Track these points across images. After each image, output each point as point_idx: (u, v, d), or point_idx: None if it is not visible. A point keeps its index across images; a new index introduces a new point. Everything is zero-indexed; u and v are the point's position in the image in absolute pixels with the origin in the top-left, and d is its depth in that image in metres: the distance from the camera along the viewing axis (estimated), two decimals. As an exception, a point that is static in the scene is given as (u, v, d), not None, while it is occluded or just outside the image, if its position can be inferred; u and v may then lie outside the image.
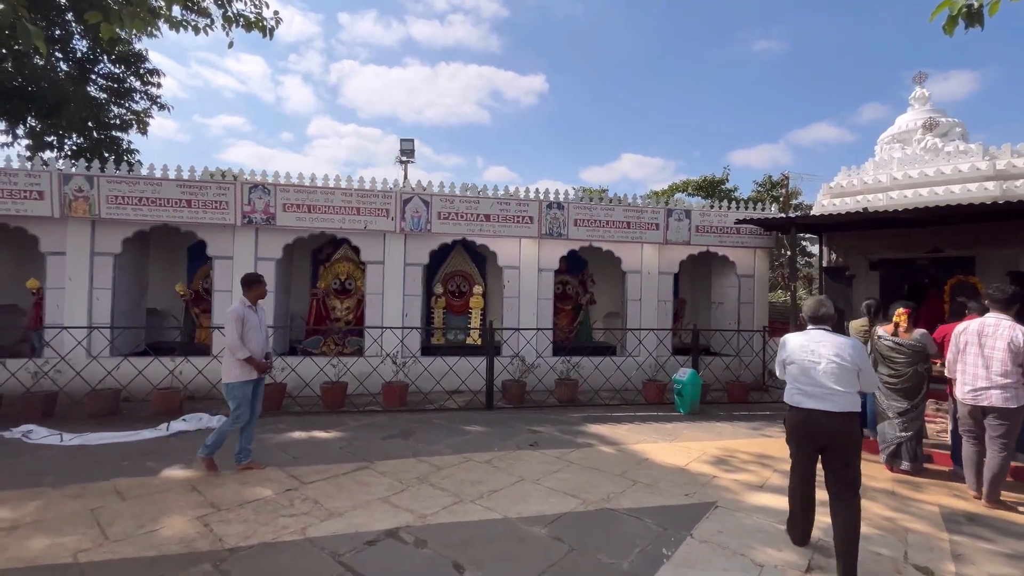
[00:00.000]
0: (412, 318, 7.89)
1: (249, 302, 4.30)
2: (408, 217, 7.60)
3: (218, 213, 7.09)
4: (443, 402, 6.85)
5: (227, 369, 4.16)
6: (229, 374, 4.14)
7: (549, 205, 8.04)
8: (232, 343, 4.11)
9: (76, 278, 6.97)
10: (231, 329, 4.12)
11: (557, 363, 7.65)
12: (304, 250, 8.95)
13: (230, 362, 4.16)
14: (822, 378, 2.91)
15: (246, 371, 4.16)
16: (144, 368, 6.18)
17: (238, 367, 4.14)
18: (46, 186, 6.68)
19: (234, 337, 4.11)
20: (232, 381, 4.14)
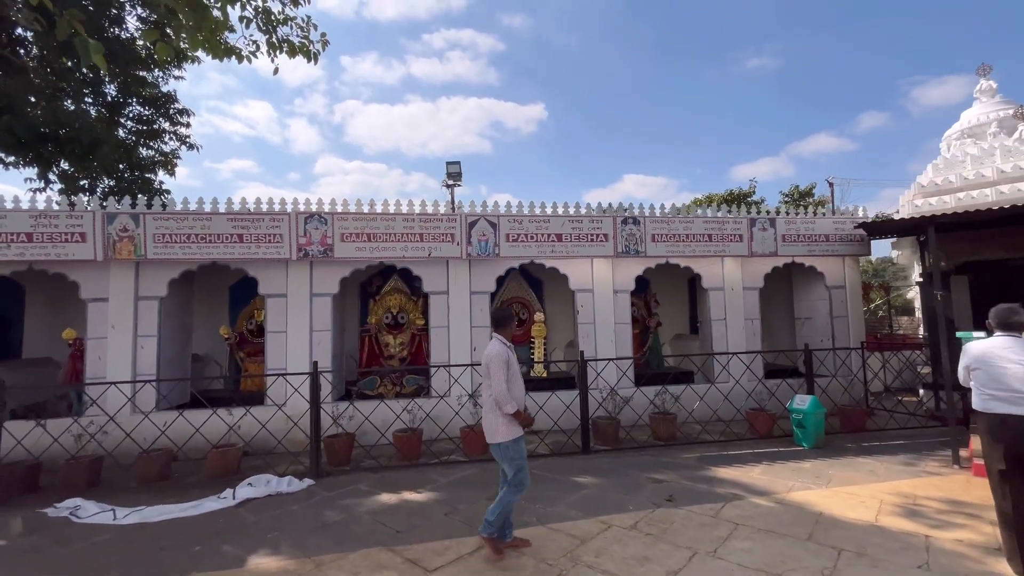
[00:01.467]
0: (481, 352, 7.13)
1: (507, 341, 3.52)
2: (475, 241, 6.95)
3: (272, 247, 6.49)
4: (528, 446, 6.02)
5: (494, 426, 3.36)
6: (500, 431, 3.35)
7: (624, 220, 7.37)
8: (501, 394, 3.29)
9: (119, 325, 6.35)
10: (499, 376, 3.30)
11: (637, 394, 6.83)
12: (351, 284, 8.32)
13: (496, 418, 3.36)
14: (1013, 382, 2.94)
15: (516, 426, 3.37)
16: (202, 424, 5.45)
17: (507, 423, 3.35)
18: (88, 227, 6.13)
19: (503, 386, 3.29)
20: (507, 440, 3.34)
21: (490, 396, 3.36)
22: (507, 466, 3.37)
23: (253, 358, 8.18)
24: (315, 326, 6.76)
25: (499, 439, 3.34)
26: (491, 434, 3.38)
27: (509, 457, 3.35)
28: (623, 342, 7.50)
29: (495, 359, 3.33)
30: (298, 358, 6.67)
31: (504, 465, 3.39)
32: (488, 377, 3.37)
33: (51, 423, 5.48)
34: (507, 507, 3.35)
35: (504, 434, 3.34)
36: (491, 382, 3.33)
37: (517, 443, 3.36)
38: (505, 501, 3.34)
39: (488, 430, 3.40)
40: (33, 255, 6.05)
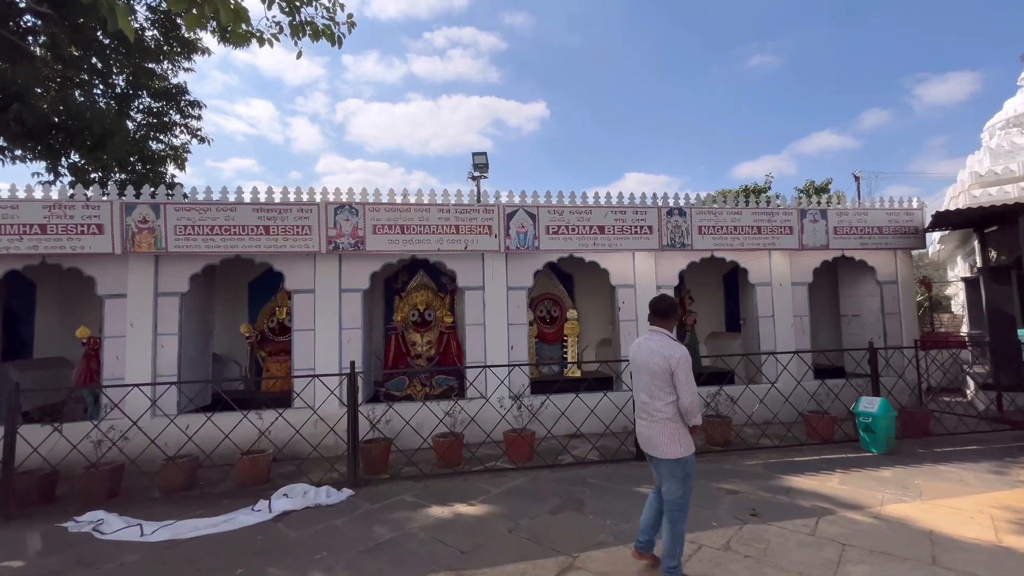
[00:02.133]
0: (519, 351, 6.74)
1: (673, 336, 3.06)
2: (513, 233, 6.55)
3: (300, 240, 6.09)
4: (574, 451, 5.63)
5: (670, 438, 2.88)
6: (678, 444, 2.88)
7: (670, 211, 6.95)
8: (693, 402, 2.83)
9: (138, 323, 5.96)
10: (688, 380, 2.84)
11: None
12: (377, 279, 7.93)
13: (675, 429, 2.88)
14: None
15: (691, 438, 2.94)
16: (232, 429, 5.05)
17: (686, 435, 2.91)
18: (106, 218, 5.75)
19: (695, 393, 2.85)
20: (686, 455, 2.89)
21: (667, 404, 2.87)
22: (675, 484, 2.88)
23: (275, 357, 7.80)
24: (345, 324, 6.37)
25: (676, 453, 2.85)
26: (663, 447, 2.88)
27: (683, 474, 2.87)
28: (667, 340, 7.08)
29: (682, 360, 2.82)
30: (327, 357, 6.28)
31: (670, 483, 2.90)
32: (661, 380, 2.86)
33: (68, 428, 5.09)
34: (681, 536, 2.90)
35: (683, 447, 2.87)
36: (677, 387, 2.83)
37: (693, 457, 2.93)
38: (677, 532, 2.88)
39: (659, 442, 2.89)
40: (47, 248, 5.67)
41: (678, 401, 2.86)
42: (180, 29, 12.15)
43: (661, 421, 2.89)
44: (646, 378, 2.94)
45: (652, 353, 2.91)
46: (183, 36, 12.27)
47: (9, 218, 5.59)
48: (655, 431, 2.91)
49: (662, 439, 2.89)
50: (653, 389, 2.92)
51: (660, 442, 2.90)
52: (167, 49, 12.18)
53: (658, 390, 2.90)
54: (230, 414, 5.34)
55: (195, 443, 4.98)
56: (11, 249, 5.60)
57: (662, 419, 2.89)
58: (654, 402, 2.92)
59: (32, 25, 9.67)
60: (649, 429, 2.95)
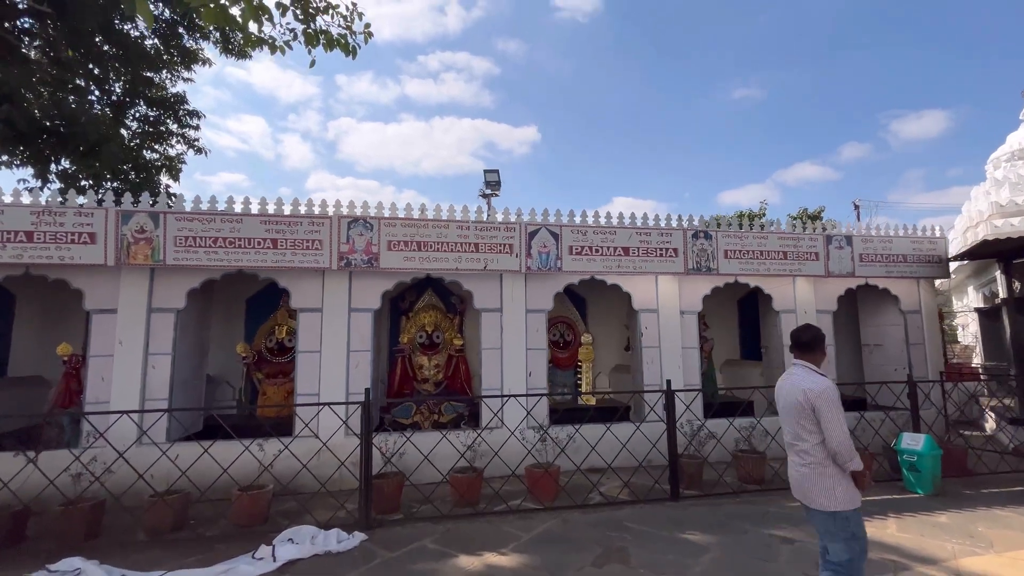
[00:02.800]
0: (537, 377, 6.36)
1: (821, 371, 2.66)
2: (535, 253, 6.23)
3: (310, 255, 5.70)
4: (601, 488, 5.20)
5: (824, 488, 2.45)
6: (836, 496, 2.44)
7: (695, 234, 6.71)
8: (845, 445, 2.42)
9: (128, 341, 5.47)
10: (837, 419, 2.43)
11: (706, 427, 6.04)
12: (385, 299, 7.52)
13: (830, 477, 2.45)
14: None
15: (855, 489, 2.48)
16: (232, 463, 4.52)
17: (846, 484, 2.46)
18: (99, 226, 5.31)
19: (845, 433, 2.44)
20: (847, 508, 2.43)
21: (815, 445, 2.49)
22: (838, 545, 2.44)
23: (272, 380, 7.29)
24: (353, 345, 5.94)
25: (836, 506, 2.42)
26: (818, 498, 2.46)
27: (848, 533, 2.42)
28: (691, 369, 6.77)
29: (825, 397, 2.44)
30: (333, 382, 5.83)
31: (832, 543, 2.46)
32: (804, 418, 2.49)
33: (45, 458, 4.53)
34: None
35: (843, 500, 2.43)
36: (822, 424, 2.45)
37: (858, 513, 2.47)
38: None
39: (812, 491, 2.48)
40: (32, 257, 5.20)
41: (825, 442, 2.48)
42: (181, 39, 11.90)
43: (812, 466, 2.49)
44: (791, 416, 2.58)
45: (793, 388, 2.57)
46: (183, 46, 12.01)
47: (-8, 224, 5.12)
48: (806, 477, 2.51)
49: (815, 487, 2.47)
50: (797, 429, 2.54)
51: (813, 491, 2.48)
52: (167, 58, 11.89)
53: (803, 430, 2.52)
54: (227, 444, 4.83)
55: (190, 479, 4.46)
56: (-8, 258, 5.12)
57: (813, 463, 2.49)
58: (800, 443, 2.54)
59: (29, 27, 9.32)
60: (800, 474, 2.55)
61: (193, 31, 11.98)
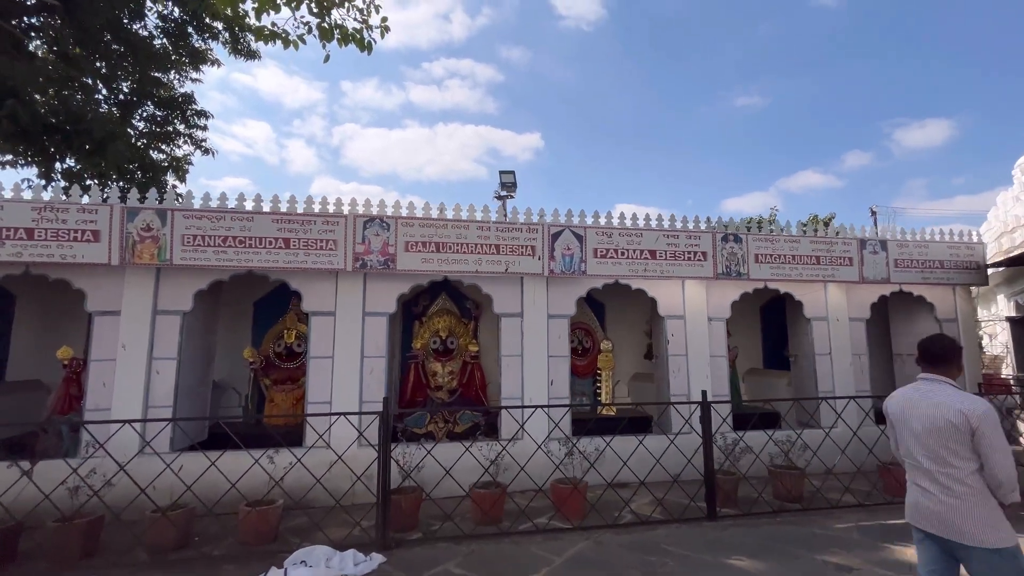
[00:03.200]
0: (559, 385, 6.05)
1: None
2: (559, 256, 5.94)
3: (324, 255, 5.42)
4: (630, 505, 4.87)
5: (986, 519, 2.11)
6: (998, 529, 2.10)
7: (725, 237, 6.41)
8: (1012, 474, 2.10)
9: (132, 345, 5.19)
10: (1003, 445, 2.11)
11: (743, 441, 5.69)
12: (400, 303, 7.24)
13: (995, 507, 2.13)
14: None
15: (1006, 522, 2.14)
16: (242, 476, 4.21)
17: (1000, 517, 2.13)
18: (104, 224, 5.05)
19: (1010, 460, 2.10)
20: (1009, 545, 2.09)
21: (970, 473, 2.15)
22: None
23: (280, 386, 6.99)
24: (367, 351, 5.65)
25: (1003, 542, 2.08)
26: (979, 533, 2.10)
27: (1017, 571, 2.07)
28: (719, 378, 6.45)
29: (990, 419, 2.11)
30: (345, 389, 5.54)
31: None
32: (955, 442, 2.16)
33: (41, 469, 4.23)
34: None
35: (1008, 534, 2.09)
36: (984, 452, 2.11)
37: (1020, 551, 2.10)
38: None
39: (967, 525, 2.12)
40: (32, 255, 4.93)
41: (985, 470, 2.13)
42: (190, 38, 11.75)
43: (966, 496, 2.13)
44: (932, 438, 2.24)
45: (937, 407, 2.22)
46: (192, 46, 11.86)
47: (-9, 220, 4.86)
48: (957, 509, 2.16)
49: (973, 520, 2.12)
50: (944, 453, 2.18)
51: (969, 524, 2.12)
52: (175, 58, 11.74)
53: (952, 455, 2.17)
54: (234, 454, 4.52)
55: (194, 493, 4.16)
56: (-10, 256, 4.85)
57: (967, 493, 2.13)
58: (947, 470, 2.18)
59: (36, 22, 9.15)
60: (946, 506, 2.19)
61: (202, 31, 11.83)
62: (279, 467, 4.50)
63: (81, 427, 5.03)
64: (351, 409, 5.46)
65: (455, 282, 6.16)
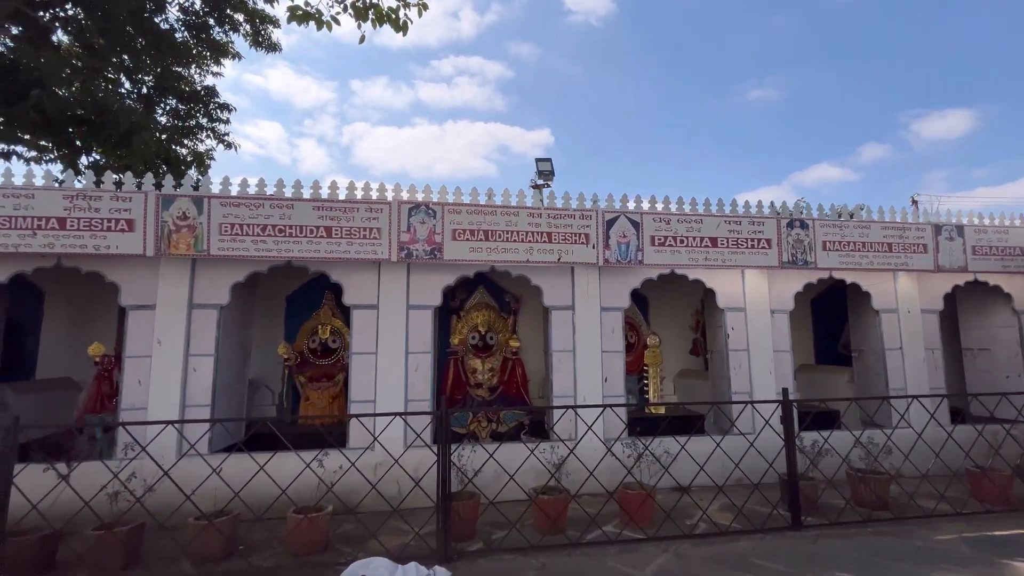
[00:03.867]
0: (614, 383, 5.67)
1: None
2: (614, 244, 5.55)
3: (367, 245, 5.09)
4: (698, 512, 4.47)
5: None
6: None
7: (790, 223, 5.97)
8: None
9: (168, 341, 4.92)
10: None
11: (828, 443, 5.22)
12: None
13: None
14: None
15: None
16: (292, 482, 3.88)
17: None
18: (138, 212, 4.77)
19: None
20: None
21: None
22: None
23: (315, 384, 6.70)
24: (411, 347, 5.33)
25: None
26: None
27: None
28: (783, 375, 6.01)
29: None
30: (390, 387, 5.22)
31: None
32: None
33: (79, 473, 3.95)
34: None
35: None
36: None
37: None
38: None
39: None
40: (64, 246, 4.67)
41: None
42: (211, 31, 11.54)
43: None
44: None
45: None
46: (213, 39, 11.64)
47: (22, 209, 4.61)
48: None
49: None
50: None
51: None
52: (195, 53, 11.53)
53: None
54: (280, 456, 4.20)
55: (243, 500, 3.85)
56: (21, 247, 4.60)
57: None
58: None
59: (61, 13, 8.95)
60: None
61: (223, 23, 11.61)
62: (328, 470, 4.18)
63: (124, 428, 4.76)
64: (396, 408, 5.15)
65: (501, 273, 5.78)
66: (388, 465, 4.32)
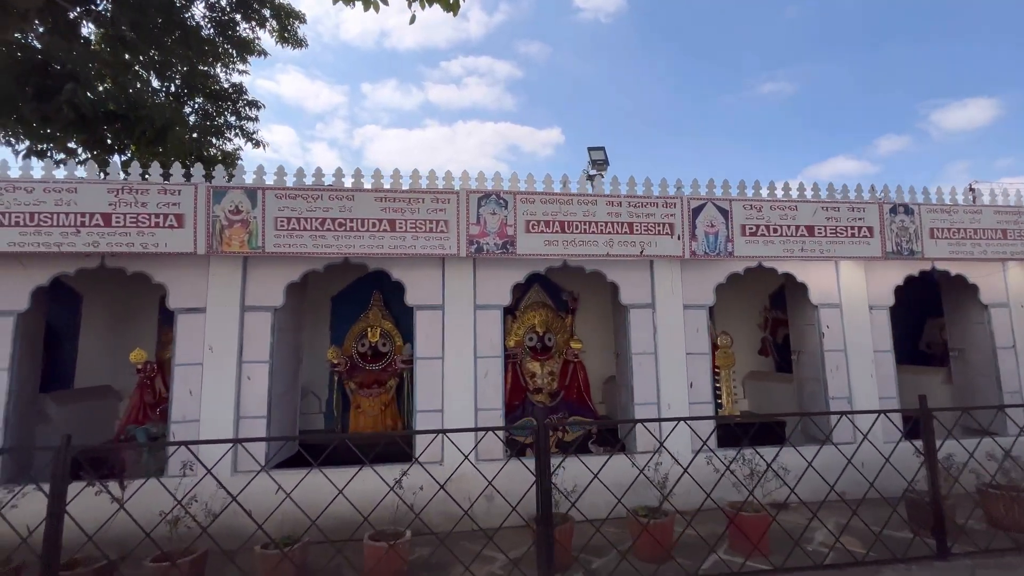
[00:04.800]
0: (701, 388, 5.14)
1: None
2: (700, 235, 5.01)
3: (434, 239, 4.63)
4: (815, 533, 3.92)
5: None
6: None
7: (893, 209, 5.37)
8: None
9: (219, 347, 4.51)
10: None
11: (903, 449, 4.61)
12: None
13: None
14: None
15: None
16: (375, 508, 3.41)
17: None
18: (188, 206, 4.36)
19: None
20: None
21: None
22: None
23: (366, 390, 6.26)
24: (480, 350, 4.85)
25: None
26: None
27: None
28: (886, 378, 5.42)
29: None
30: (458, 394, 4.76)
31: None
32: None
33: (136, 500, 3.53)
34: None
35: None
36: None
37: None
38: None
39: None
40: (110, 245, 4.28)
41: None
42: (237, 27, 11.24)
43: None
44: None
45: None
46: (240, 36, 11.34)
47: (64, 204, 4.23)
48: None
49: None
50: None
51: None
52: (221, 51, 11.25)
53: None
54: (341, 472, 3.73)
55: (320, 528, 3.39)
56: (64, 246, 4.21)
57: None
58: None
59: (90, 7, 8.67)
60: None
61: (250, 19, 11.31)
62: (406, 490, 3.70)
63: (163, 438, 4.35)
64: (465, 418, 4.68)
65: (557, 269, 5.26)
66: (460, 481, 3.87)
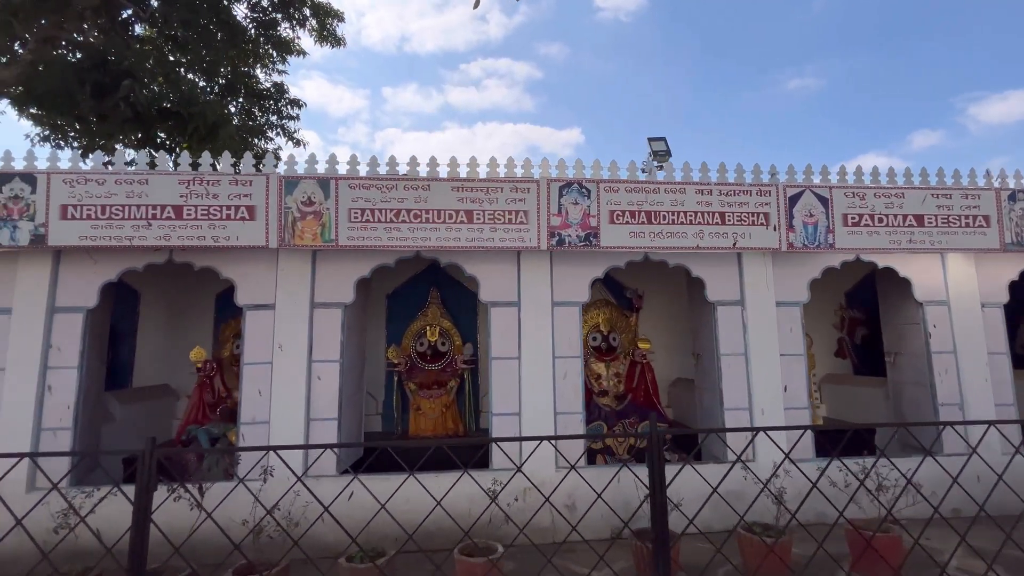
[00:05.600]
0: (796, 392, 4.73)
1: None
2: (798, 225, 4.61)
3: (512, 231, 4.34)
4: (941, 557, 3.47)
5: None
6: None
7: (1012, 196, 4.87)
8: None
9: (289, 345, 4.30)
10: None
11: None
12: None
13: None
14: None
15: None
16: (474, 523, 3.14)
17: None
18: (259, 198, 4.17)
19: None
20: None
21: None
22: None
23: (426, 391, 6.02)
24: (558, 350, 4.54)
25: None
26: None
27: None
28: (1001, 382, 4.91)
29: None
30: (536, 397, 4.46)
31: None
32: None
33: (210, 506, 3.33)
34: None
35: None
36: None
37: None
38: None
39: None
40: (180, 238, 4.11)
41: None
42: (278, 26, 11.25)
43: None
44: None
45: None
46: (280, 37, 11.34)
47: (135, 196, 4.08)
48: None
49: None
50: None
51: None
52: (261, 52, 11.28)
53: None
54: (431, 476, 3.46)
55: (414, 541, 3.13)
56: (136, 240, 4.06)
57: None
58: None
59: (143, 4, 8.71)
60: None
61: (291, 18, 11.30)
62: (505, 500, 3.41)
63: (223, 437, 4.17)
64: (544, 423, 4.39)
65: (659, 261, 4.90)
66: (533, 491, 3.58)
